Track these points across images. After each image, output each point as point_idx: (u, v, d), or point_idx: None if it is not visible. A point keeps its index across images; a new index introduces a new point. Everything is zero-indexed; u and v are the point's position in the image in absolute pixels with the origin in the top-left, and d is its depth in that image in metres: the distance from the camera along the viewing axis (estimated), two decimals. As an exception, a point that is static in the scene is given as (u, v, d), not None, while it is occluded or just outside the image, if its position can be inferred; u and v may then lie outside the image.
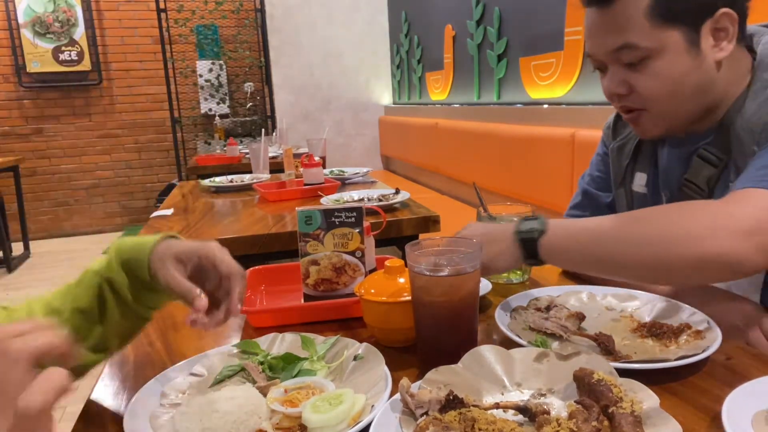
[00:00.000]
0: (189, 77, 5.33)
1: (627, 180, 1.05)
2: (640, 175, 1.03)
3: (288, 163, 2.23)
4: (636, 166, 1.04)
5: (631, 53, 0.84)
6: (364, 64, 5.45)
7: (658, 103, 0.87)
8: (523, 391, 0.63)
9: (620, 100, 0.90)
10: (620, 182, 1.07)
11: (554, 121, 2.60)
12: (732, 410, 0.53)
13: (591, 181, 1.15)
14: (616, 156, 1.07)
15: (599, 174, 1.14)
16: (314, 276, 0.94)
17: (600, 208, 1.12)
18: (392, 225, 1.63)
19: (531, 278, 1.06)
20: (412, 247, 0.72)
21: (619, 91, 0.88)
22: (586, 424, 0.52)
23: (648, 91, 0.86)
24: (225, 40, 5.42)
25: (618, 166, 1.07)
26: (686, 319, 0.78)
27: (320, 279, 0.94)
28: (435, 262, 0.70)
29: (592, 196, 1.13)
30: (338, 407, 0.58)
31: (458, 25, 3.80)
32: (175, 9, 5.13)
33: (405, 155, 4.81)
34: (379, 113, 5.56)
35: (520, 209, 1.06)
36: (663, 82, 0.85)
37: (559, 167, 2.39)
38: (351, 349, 0.73)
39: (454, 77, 4.00)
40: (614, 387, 0.56)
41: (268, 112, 5.31)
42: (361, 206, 0.94)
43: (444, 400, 0.57)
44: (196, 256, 0.69)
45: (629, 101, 0.89)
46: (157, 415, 0.62)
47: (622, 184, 1.06)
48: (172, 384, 0.69)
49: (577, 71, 2.55)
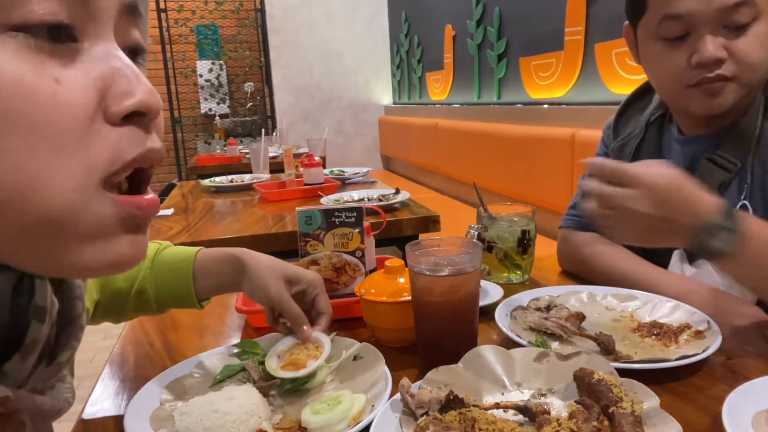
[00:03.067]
0: (189, 77, 5.33)
1: None
2: None
3: (288, 163, 2.23)
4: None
5: (746, 11, 0.80)
6: (364, 64, 5.45)
7: (752, 71, 0.83)
8: (523, 391, 0.63)
9: (714, 68, 0.83)
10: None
11: (554, 121, 2.60)
12: (732, 410, 0.53)
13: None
14: (616, 156, 1.07)
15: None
16: (314, 276, 0.94)
17: None
18: (392, 225, 1.63)
19: (531, 278, 1.06)
20: (412, 247, 0.72)
21: (720, 55, 0.81)
22: (586, 424, 0.52)
23: (749, 56, 0.81)
24: (225, 40, 5.41)
25: None
26: (686, 319, 0.78)
27: (320, 279, 0.94)
28: (435, 262, 0.70)
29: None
30: (337, 407, 0.58)
31: (458, 25, 3.80)
32: (175, 9, 5.12)
33: (405, 155, 4.81)
34: (379, 113, 5.56)
35: (520, 209, 1.06)
36: (764, 47, 0.81)
37: (559, 167, 2.39)
38: (351, 349, 0.73)
39: (454, 77, 4.00)
40: (614, 387, 0.56)
41: (268, 112, 5.31)
42: (361, 206, 0.94)
43: (444, 400, 0.57)
44: (306, 284, 0.76)
45: (723, 69, 0.83)
46: (157, 415, 0.62)
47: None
48: (172, 384, 0.69)
49: (577, 71, 2.55)
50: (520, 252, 1.02)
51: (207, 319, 0.96)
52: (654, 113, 1.04)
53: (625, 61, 2.23)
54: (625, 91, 2.26)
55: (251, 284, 0.74)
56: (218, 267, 0.76)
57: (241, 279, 0.75)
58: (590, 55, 2.46)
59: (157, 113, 0.36)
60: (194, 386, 0.69)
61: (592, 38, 2.44)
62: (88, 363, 2.70)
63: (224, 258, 0.76)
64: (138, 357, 0.83)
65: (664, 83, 0.91)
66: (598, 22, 2.40)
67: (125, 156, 0.34)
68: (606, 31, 2.34)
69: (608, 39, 2.32)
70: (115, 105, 0.33)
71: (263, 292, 0.73)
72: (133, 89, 0.34)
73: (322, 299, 0.77)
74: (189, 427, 0.57)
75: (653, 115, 1.03)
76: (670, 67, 0.86)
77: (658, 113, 1.03)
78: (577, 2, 2.48)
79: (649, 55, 0.91)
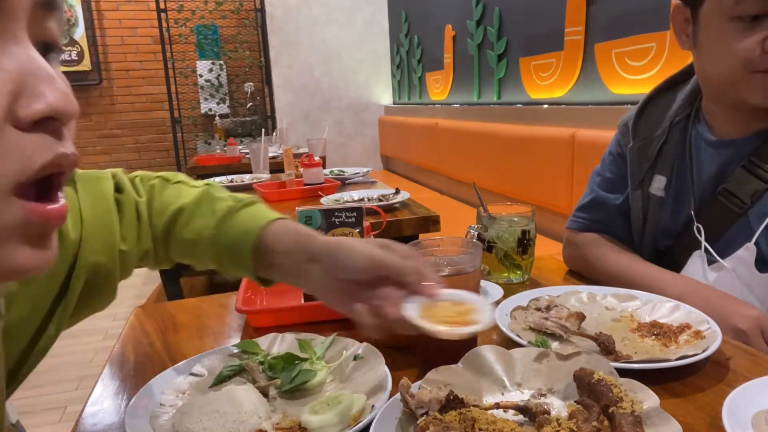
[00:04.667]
0: (189, 77, 5.33)
1: (645, 182, 1.02)
2: (658, 177, 1.00)
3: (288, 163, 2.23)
4: (656, 168, 1.01)
5: None
6: (364, 64, 5.45)
7: None
8: (523, 391, 0.63)
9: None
10: (638, 184, 1.03)
11: (554, 121, 2.60)
12: (732, 410, 0.53)
13: (602, 183, 1.12)
14: (636, 157, 1.03)
15: (611, 176, 1.10)
16: (314, 276, 0.94)
17: (607, 211, 1.09)
18: (392, 225, 1.63)
19: (531, 278, 1.06)
20: (412, 247, 0.72)
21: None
22: (586, 424, 0.52)
23: None
24: (225, 40, 5.42)
25: (638, 167, 1.03)
26: (686, 319, 0.78)
27: (320, 279, 0.94)
28: (435, 262, 0.70)
29: (601, 199, 1.11)
30: (337, 407, 0.58)
31: (458, 25, 3.80)
32: (175, 9, 5.13)
33: (405, 155, 4.81)
34: (379, 113, 5.56)
35: (520, 209, 1.06)
36: None
37: (559, 167, 2.39)
38: (351, 349, 0.73)
39: (454, 77, 4.00)
40: (614, 387, 0.56)
41: (268, 112, 5.31)
42: (361, 206, 0.94)
43: (444, 400, 0.57)
44: (400, 251, 0.63)
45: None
46: (157, 415, 0.62)
47: (640, 186, 1.03)
48: (172, 384, 0.69)
49: (577, 71, 2.55)
50: (520, 252, 1.02)
51: (207, 319, 0.96)
52: (679, 113, 1.00)
53: (625, 61, 2.23)
54: (625, 91, 2.26)
55: (338, 254, 0.62)
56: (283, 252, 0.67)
57: (318, 257, 0.63)
58: (590, 55, 2.46)
59: (69, 118, 0.33)
60: (194, 386, 0.69)
61: (592, 38, 2.44)
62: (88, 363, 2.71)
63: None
64: (138, 357, 0.83)
65: (729, 66, 0.86)
66: (598, 22, 2.40)
67: (34, 163, 0.32)
68: (606, 31, 2.34)
69: (608, 39, 2.32)
70: (24, 109, 0.31)
71: (361, 258, 0.60)
72: (45, 93, 0.31)
73: (426, 265, 0.63)
74: (189, 427, 0.57)
75: (678, 115, 1.00)
76: (739, 49, 0.83)
77: (684, 113, 1.00)
78: (577, 2, 2.48)
79: (714, 36, 0.87)
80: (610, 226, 1.09)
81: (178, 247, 0.71)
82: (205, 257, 0.70)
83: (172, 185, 0.74)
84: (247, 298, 0.97)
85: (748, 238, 0.88)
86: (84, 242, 0.61)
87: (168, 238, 0.71)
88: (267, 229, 0.67)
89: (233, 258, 0.68)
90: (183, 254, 0.72)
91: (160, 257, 0.73)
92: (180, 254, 0.72)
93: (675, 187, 0.99)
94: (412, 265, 0.60)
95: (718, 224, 0.92)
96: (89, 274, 0.62)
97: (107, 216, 0.65)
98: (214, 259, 0.70)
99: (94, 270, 0.62)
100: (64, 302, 0.60)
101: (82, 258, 0.61)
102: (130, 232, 0.68)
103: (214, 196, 0.72)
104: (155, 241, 0.71)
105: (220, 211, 0.69)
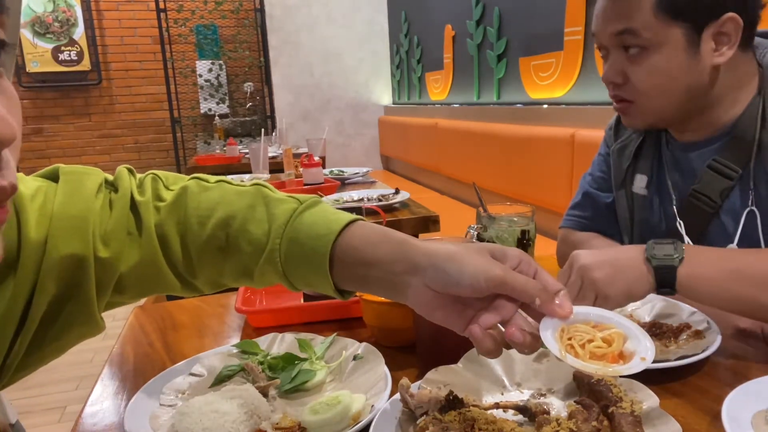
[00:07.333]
0: (189, 77, 5.33)
1: (627, 182, 1.05)
2: (640, 177, 1.03)
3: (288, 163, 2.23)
4: (637, 167, 1.04)
5: (631, 39, 0.85)
6: (364, 64, 5.45)
7: (647, 98, 0.88)
8: (523, 391, 0.63)
9: (615, 89, 0.92)
10: (620, 184, 1.06)
11: (554, 121, 2.60)
12: (732, 410, 0.53)
13: (592, 181, 1.15)
14: (617, 157, 1.07)
15: (601, 174, 1.13)
16: (314, 276, 0.94)
17: (600, 208, 1.12)
18: (392, 225, 1.62)
19: (531, 278, 1.06)
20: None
21: (616, 80, 0.90)
22: (586, 424, 0.52)
23: (641, 84, 0.87)
24: (225, 40, 5.41)
25: (619, 167, 1.07)
26: (686, 319, 0.78)
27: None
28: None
29: (593, 197, 1.13)
30: (337, 407, 0.58)
31: (458, 25, 3.80)
32: (174, 9, 5.12)
33: (405, 155, 4.81)
34: (379, 113, 5.56)
35: (519, 209, 1.06)
36: (656, 77, 0.86)
37: (559, 167, 2.39)
38: (350, 349, 0.73)
39: (453, 77, 4.00)
40: (614, 387, 0.56)
41: (268, 112, 5.31)
42: (360, 206, 0.94)
43: (444, 400, 0.57)
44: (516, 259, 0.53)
45: (622, 91, 0.90)
46: (157, 415, 0.62)
47: (622, 186, 1.06)
48: (172, 384, 0.69)
49: (576, 71, 2.55)
50: (520, 252, 1.02)
51: (207, 319, 0.96)
52: None
53: (625, 61, 2.23)
54: (625, 91, 2.26)
55: (447, 268, 0.50)
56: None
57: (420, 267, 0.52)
58: (590, 55, 2.46)
59: (3, 145, 0.29)
60: (194, 386, 0.69)
61: (591, 38, 2.43)
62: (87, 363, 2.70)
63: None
64: (138, 357, 0.83)
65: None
66: (598, 22, 2.40)
67: None
68: (606, 31, 2.34)
69: (608, 39, 2.32)
70: None
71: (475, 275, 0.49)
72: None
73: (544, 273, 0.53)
74: (189, 427, 0.57)
75: None
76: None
77: None
78: (577, 2, 2.48)
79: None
80: (603, 225, 1.10)
81: (232, 263, 0.59)
82: (266, 272, 0.58)
83: (213, 186, 0.63)
84: (246, 298, 0.97)
85: (727, 237, 0.89)
86: (51, 237, 0.52)
87: (215, 252, 0.59)
88: (344, 234, 0.55)
89: (304, 271, 0.57)
90: (236, 274, 0.60)
91: (198, 277, 0.61)
92: (233, 275, 0.60)
93: (656, 186, 1.01)
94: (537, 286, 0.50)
95: (696, 224, 0.94)
96: (61, 272, 0.53)
97: (84, 213, 0.55)
98: (277, 275, 0.58)
99: (68, 270, 0.53)
100: (31, 310, 0.51)
101: (50, 255, 0.52)
102: (116, 236, 0.56)
103: (271, 197, 0.60)
104: (192, 256, 0.59)
105: (282, 215, 0.58)
